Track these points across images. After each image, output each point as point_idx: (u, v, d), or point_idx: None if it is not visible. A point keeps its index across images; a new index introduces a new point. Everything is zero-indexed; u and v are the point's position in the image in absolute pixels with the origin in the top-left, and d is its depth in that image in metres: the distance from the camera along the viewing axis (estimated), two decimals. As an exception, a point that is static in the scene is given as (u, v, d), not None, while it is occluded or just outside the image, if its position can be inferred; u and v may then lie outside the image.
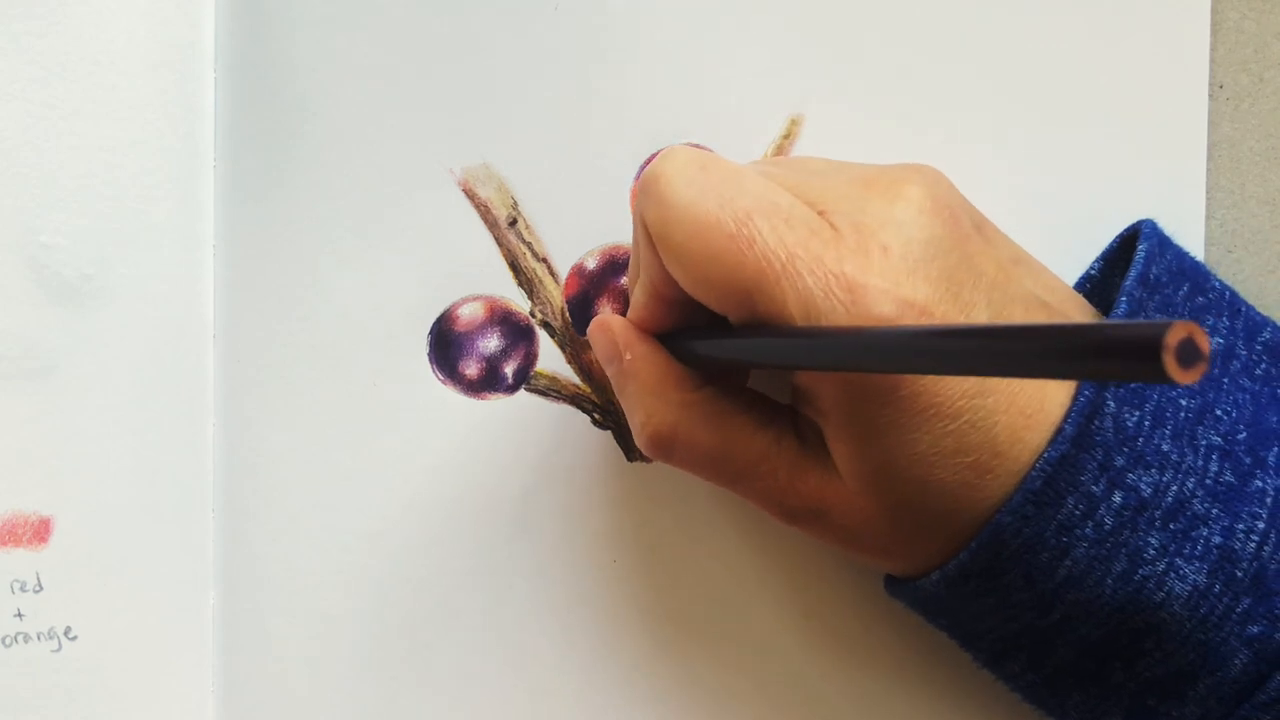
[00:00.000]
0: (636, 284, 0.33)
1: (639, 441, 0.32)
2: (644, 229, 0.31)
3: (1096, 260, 0.35)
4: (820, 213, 0.29)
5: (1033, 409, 0.28)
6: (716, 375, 0.32)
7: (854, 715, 0.37)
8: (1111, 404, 0.29)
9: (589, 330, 0.34)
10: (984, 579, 0.29)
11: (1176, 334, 0.18)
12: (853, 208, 0.29)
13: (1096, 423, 0.28)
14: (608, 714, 0.37)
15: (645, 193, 0.30)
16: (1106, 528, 0.29)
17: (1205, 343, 0.18)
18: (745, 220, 0.28)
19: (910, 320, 0.27)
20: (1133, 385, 0.29)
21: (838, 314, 0.27)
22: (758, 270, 0.28)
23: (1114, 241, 0.35)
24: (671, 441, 0.31)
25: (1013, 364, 0.21)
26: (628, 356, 0.32)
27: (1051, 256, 0.32)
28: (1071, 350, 0.20)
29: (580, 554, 0.37)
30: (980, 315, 0.28)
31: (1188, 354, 0.18)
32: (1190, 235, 0.36)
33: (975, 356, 0.22)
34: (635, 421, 0.32)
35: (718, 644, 0.37)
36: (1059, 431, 0.28)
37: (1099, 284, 0.34)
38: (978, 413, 0.28)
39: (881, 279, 0.28)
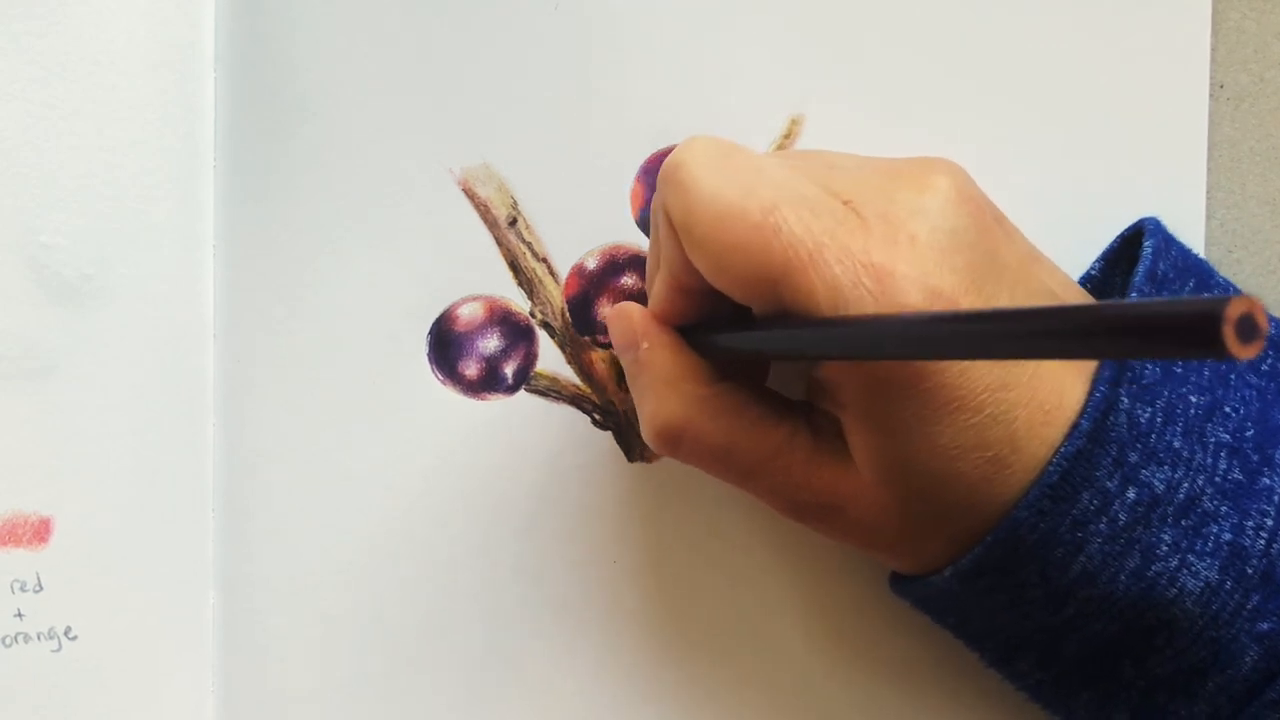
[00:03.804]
0: (656, 276, 0.32)
1: (645, 433, 0.32)
2: (665, 219, 0.30)
3: (1097, 260, 0.35)
4: (845, 203, 0.29)
5: (1052, 404, 0.28)
6: (734, 371, 0.32)
7: (859, 716, 0.37)
8: (1125, 400, 0.29)
9: (608, 316, 0.34)
10: (998, 574, 0.29)
11: (1237, 308, 0.17)
12: (879, 197, 0.28)
13: (1111, 418, 0.28)
14: (609, 714, 0.37)
15: (667, 181, 0.30)
16: (1120, 523, 0.29)
17: (1264, 318, 0.17)
18: (771, 209, 0.28)
19: (939, 310, 0.27)
20: (1144, 382, 0.29)
21: (866, 303, 0.27)
22: (784, 259, 0.28)
23: (1115, 241, 0.35)
24: (680, 435, 0.31)
25: (1068, 344, 0.21)
26: (644, 345, 0.32)
27: (1052, 256, 0.32)
28: (1130, 327, 0.19)
29: (581, 554, 0.37)
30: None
31: (1246, 328, 0.17)
32: (1190, 235, 0.36)
33: (1029, 339, 0.22)
34: (644, 412, 0.32)
35: (719, 644, 0.37)
36: (1075, 427, 0.28)
37: (1099, 283, 0.34)
38: (1000, 406, 0.28)
39: (910, 267, 0.27)
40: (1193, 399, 0.29)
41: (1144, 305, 0.19)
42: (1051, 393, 0.28)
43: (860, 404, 0.29)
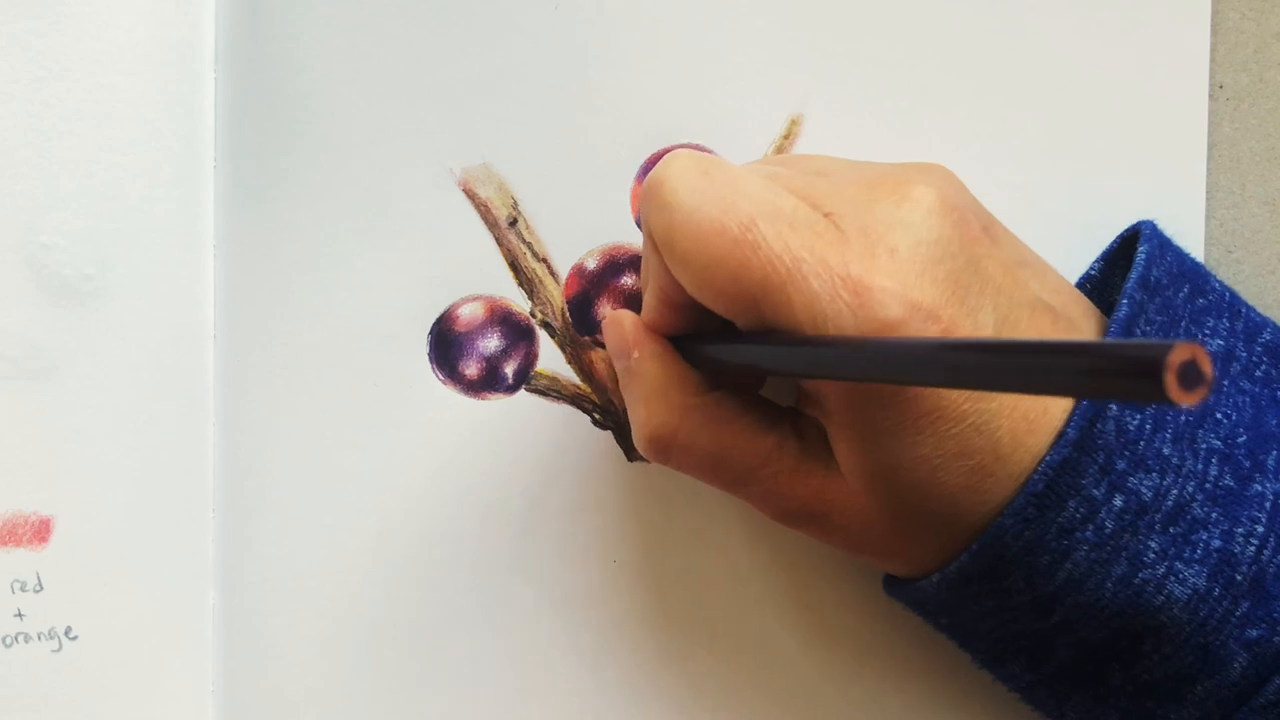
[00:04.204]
0: (646, 288, 0.33)
1: (637, 441, 0.32)
2: (649, 235, 0.31)
3: (1096, 260, 0.35)
4: (826, 215, 0.29)
5: (1036, 413, 0.28)
6: (727, 379, 0.32)
7: (854, 715, 0.37)
8: (1114, 407, 0.28)
9: (603, 324, 0.34)
10: (984, 581, 0.29)
11: (1179, 355, 0.17)
12: (859, 209, 0.28)
13: (1099, 426, 0.28)
14: (608, 714, 0.37)
15: (648, 199, 0.30)
16: (1107, 531, 0.29)
17: (1208, 365, 0.17)
18: (749, 225, 0.28)
19: (917, 323, 0.27)
20: None
21: (844, 317, 0.27)
22: (763, 275, 0.28)
23: (1114, 242, 0.35)
24: (670, 444, 0.31)
25: (1014, 380, 0.21)
26: (635, 354, 0.32)
27: (1052, 256, 0.32)
28: (1073, 369, 0.20)
29: (580, 554, 0.37)
30: (986, 320, 0.28)
31: (1190, 375, 0.17)
32: (1190, 235, 0.36)
33: (977, 372, 0.22)
34: (636, 421, 0.32)
35: (718, 643, 0.37)
36: (1061, 435, 0.28)
37: (1099, 284, 0.34)
38: (981, 416, 0.28)
39: (889, 281, 0.27)
40: None
41: (1091, 347, 0.19)
42: (1035, 402, 0.28)
43: (843, 413, 0.29)
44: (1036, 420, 0.28)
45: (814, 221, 0.28)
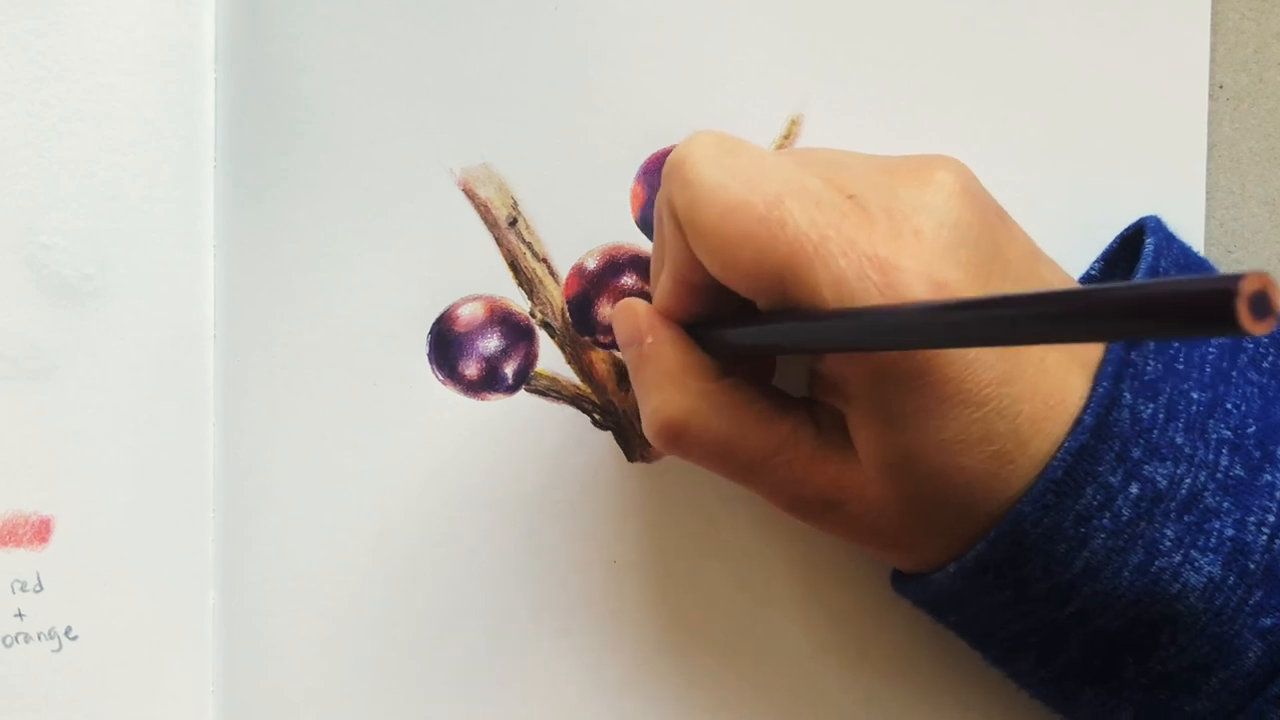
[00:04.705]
0: (662, 272, 0.32)
1: (647, 429, 0.32)
2: (670, 213, 0.30)
3: (1097, 260, 0.35)
4: (849, 197, 0.29)
5: (1055, 399, 0.28)
6: (738, 368, 0.32)
7: (857, 715, 0.37)
8: (1128, 396, 0.29)
9: (614, 312, 0.34)
10: (1002, 570, 0.29)
11: (1251, 284, 0.17)
12: (883, 193, 0.29)
13: (1114, 414, 0.28)
14: (608, 714, 0.37)
15: (671, 176, 0.30)
16: (1124, 519, 0.29)
17: (1277, 295, 0.17)
18: (776, 202, 0.28)
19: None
20: (1146, 378, 0.29)
21: (871, 295, 0.27)
22: (789, 252, 0.28)
23: (1114, 241, 0.35)
24: (682, 431, 0.31)
25: (1081, 326, 0.21)
26: (649, 340, 0.32)
27: (1052, 256, 0.32)
28: (1142, 307, 0.19)
29: (580, 554, 0.37)
30: None
31: (1260, 305, 0.17)
32: (1190, 235, 0.36)
33: (1043, 322, 0.21)
34: (647, 408, 0.32)
35: (719, 644, 0.37)
36: (1078, 422, 0.28)
37: (1099, 284, 0.34)
38: (1004, 400, 0.28)
39: (915, 261, 0.27)
40: (1194, 395, 0.29)
41: (1157, 284, 0.19)
42: (1055, 388, 0.28)
43: (866, 396, 0.29)
44: (1055, 407, 0.28)
45: (839, 202, 0.28)
